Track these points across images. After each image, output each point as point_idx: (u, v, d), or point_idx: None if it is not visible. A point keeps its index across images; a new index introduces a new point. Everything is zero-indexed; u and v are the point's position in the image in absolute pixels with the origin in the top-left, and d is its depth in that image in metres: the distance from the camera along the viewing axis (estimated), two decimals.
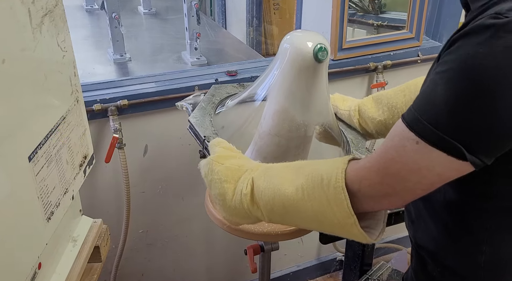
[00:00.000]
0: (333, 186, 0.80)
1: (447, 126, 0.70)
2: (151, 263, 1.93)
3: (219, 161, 0.97)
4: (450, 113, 0.69)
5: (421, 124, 0.72)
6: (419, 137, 0.72)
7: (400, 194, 0.78)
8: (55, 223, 0.95)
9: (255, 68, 1.77)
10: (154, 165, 1.73)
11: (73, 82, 1.03)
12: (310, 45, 1.06)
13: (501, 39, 0.66)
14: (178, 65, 1.98)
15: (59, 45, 0.95)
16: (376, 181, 0.78)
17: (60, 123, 0.96)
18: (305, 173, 0.86)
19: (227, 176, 0.94)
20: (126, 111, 1.57)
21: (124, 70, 1.95)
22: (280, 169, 0.92)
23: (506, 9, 0.68)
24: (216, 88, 1.41)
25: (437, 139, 0.71)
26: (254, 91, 1.21)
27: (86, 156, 1.09)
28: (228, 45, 2.40)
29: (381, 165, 0.77)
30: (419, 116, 0.72)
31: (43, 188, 0.89)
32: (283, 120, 1.14)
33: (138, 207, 1.76)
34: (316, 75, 1.09)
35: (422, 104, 0.73)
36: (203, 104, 1.30)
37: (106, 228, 1.18)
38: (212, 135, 1.16)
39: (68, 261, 1.04)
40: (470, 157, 0.70)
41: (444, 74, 0.70)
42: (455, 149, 0.70)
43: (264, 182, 0.90)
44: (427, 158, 0.72)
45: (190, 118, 1.23)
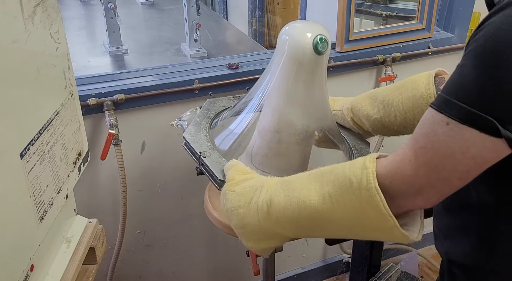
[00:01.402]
0: (365, 188, 0.79)
1: (477, 101, 0.69)
2: (149, 265, 1.93)
3: (230, 188, 0.98)
4: (479, 87, 0.69)
5: (450, 104, 0.72)
6: (449, 117, 0.71)
7: (436, 186, 0.76)
8: (48, 223, 0.95)
9: (258, 61, 1.77)
10: (152, 162, 1.73)
11: (67, 76, 1.02)
12: (310, 36, 1.05)
13: None
14: (177, 58, 1.98)
15: (52, 37, 0.95)
16: (409, 173, 0.76)
17: (53, 119, 0.96)
18: (330, 179, 0.85)
19: (239, 201, 0.95)
20: (122, 106, 1.57)
21: (121, 63, 1.95)
22: (300, 180, 0.90)
23: None
24: (211, 102, 1.42)
25: (467, 116, 0.70)
26: (253, 94, 1.21)
27: (80, 153, 1.09)
28: (230, 36, 2.40)
29: (412, 155, 0.76)
30: (449, 98, 0.72)
31: (35, 187, 0.89)
32: (283, 116, 1.14)
33: (135, 206, 1.76)
34: (317, 69, 1.09)
35: (450, 86, 0.74)
36: (198, 120, 1.31)
37: (101, 228, 1.18)
38: (208, 150, 1.17)
39: (61, 263, 1.04)
40: (505, 132, 0.69)
41: (471, 52, 0.71)
42: (488, 123, 0.69)
43: (285, 197, 0.89)
44: (460, 138, 0.71)
45: (184, 135, 1.24)
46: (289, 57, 1.08)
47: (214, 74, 1.66)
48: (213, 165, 1.12)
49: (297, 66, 1.08)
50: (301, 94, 1.12)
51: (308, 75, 1.10)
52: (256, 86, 1.20)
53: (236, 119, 1.25)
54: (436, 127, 0.73)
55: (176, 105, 1.65)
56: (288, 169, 1.19)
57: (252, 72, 1.70)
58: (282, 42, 1.10)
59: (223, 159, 1.14)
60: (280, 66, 1.10)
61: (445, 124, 0.72)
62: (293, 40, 1.07)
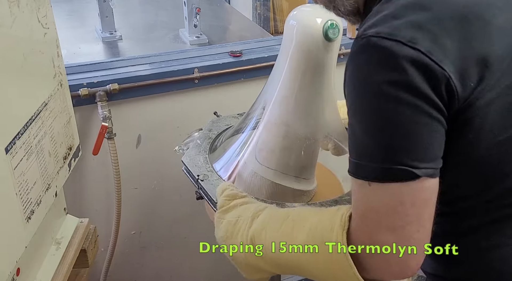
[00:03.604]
0: (336, 251, 0.82)
1: (381, 155, 0.75)
2: (144, 269, 1.93)
3: (220, 216, 1.03)
4: (374, 141, 0.76)
5: (361, 167, 0.77)
6: (367, 180, 0.76)
7: (401, 243, 0.77)
8: (35, 223, 0.95)
9: (263, 48, 1.76)
10: (148, 157, 1.73)
11: (56, 64, 1.02)
12: (319, 22, 1.05)
13: (367, 58, 0.75)
14: (175, 45, 1.98)
15: (39, 22, 0.95)
16: (367, 241, 0.79)
17: (41, 110, 0.95)
18: (305, 229, 0.88)
19: (227, 231, 1.00)
20: (116, 96, 1.57)
21: (114, 50, 1.94)
22: (282, 220, 0.94)
23: (361, 31, 0.77)
24: (214, 122, 1.42)
25: (382, 174, 0.75)
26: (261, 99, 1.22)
27: (71, 147, 1.09)
28: (232, 22, 2.40)
29: (361, 223, 0.80)
30: (357, 161, 0.78)
31: (22, 184, 0.89)
32: (292, 107, 1.13)
33: (130, 205, 1.76)
34: (327, 56, 1.09)
35: (353, 150, 0.79)
36: (199, 142, 1.33)
37: (93, 228, 1.18)
38: (207, 173, 1.19)
39: (50, 266, 1.05)
40: (420, 171, 0.74)
41: (350, 113, 0.79)
42: (403, 172, 0.74)
43: (267, 238, 0.93)
44: (389, 194, 0.75)
45: (183, 159, 1.26)
46: (297, 45, 1.08)
47: (215, 62, 1.66)
48: (211, 188, 1.14)
49: (306, 54, 1.08)
50: (310, 84, 1.11)
51: (317, 64, 1.09)
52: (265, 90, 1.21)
53: (239, 138, 1.27)
54: (363, 190, 0.78)
55: (174, 96, 1.65)
56: (295, 165, 1.19)
57: (256, 60, 1.69)
58: (289, 28, 1.09)
59: (222, 181, 1.16)
60: (287, 53, 1.10)
61: (368, 186, 0.76)
62: (301, 26, 1.07)
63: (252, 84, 1.73)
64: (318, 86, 1.12)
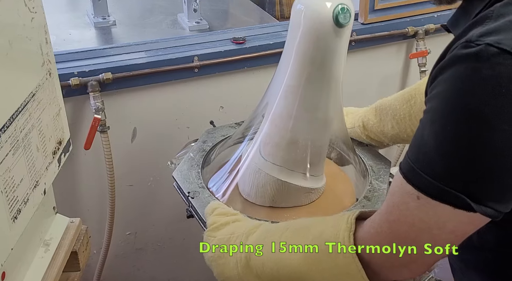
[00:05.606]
0: (343, 255, 0.82)
1: (444, 175, 0.72)
2: (140, 272, 1.94)
3: (211, 234, 1.04)
4: (443, 161, 0.72)
5: (417, 176, 0.74)
6: (419, 191, 0.74)
7: (419, 260, 0.79)
8: (22, 223, 0.95)
9: (267, 35, 1.76)
10: (144, 152, 1.73)
11: (44, 51, 1.02)
12: (329, 6, 1.04)
13: (477, 72, 0.68)
14: (173, 31, 1.98)
15: (26, 5, 0.94)
16: (386, 248, 0.79)
17: (28, 101, 0.95)
18: (309, 237, 0.88)
19: (218, 249, 1.01)
20: (110, 86, 1.57)
21: (108, 37, 1.94)
22: (280, 233, 0.94)
23: (476, 36, 0.70)
24: (209, 132, 1.42)
25: (437, 192, 0.72)
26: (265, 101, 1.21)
27: (61, 142, 1.09)
28: (235, 6, 2.39)
29: (387, 228, 0.79)
30: (414, 166, 0.74)
31: (7, 181, 0.88)
32: (299, 99, 1.13)
33: (124, 203, 1.76)
34: (337, 44, 1.08)
35: (414, 152, 0.76)
36: (192, 154, 1.33)
37: (85, 229, 1.18)
38: (198, 190, 1.20)
39: (38, 269, 1.05)
40: (479, 207, 0.71)
41: (428, 115, 0.74)
42: (459, 199, 0.71)
43: (265, 253, 0.93)
44: (433, 214, 0.74)
45: (173, 174, 1.27)
46: (305, 31, 1.08)
47: (217, 50, 1.66)
48: (202, 206, 1.15)
49: (314, 41, 1.07)
50: (319, 74, 1.11)
51: (327, 51, 1.09)
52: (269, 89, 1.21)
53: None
54: (407, 199, 0.76)
55: (173, 86, 1.65)
56: (302, 161, 1.19)
57: (260, 47, 1.69)
58: (296, 13, 1.09)
59: (213, 199, 1.17)
60: (294, 41, 1.10)
61: (416, 198, 0.74)
62: (309, 11, 1.07)
63: (256, 74, 1.73)
64: (328, 76, 1.12)
